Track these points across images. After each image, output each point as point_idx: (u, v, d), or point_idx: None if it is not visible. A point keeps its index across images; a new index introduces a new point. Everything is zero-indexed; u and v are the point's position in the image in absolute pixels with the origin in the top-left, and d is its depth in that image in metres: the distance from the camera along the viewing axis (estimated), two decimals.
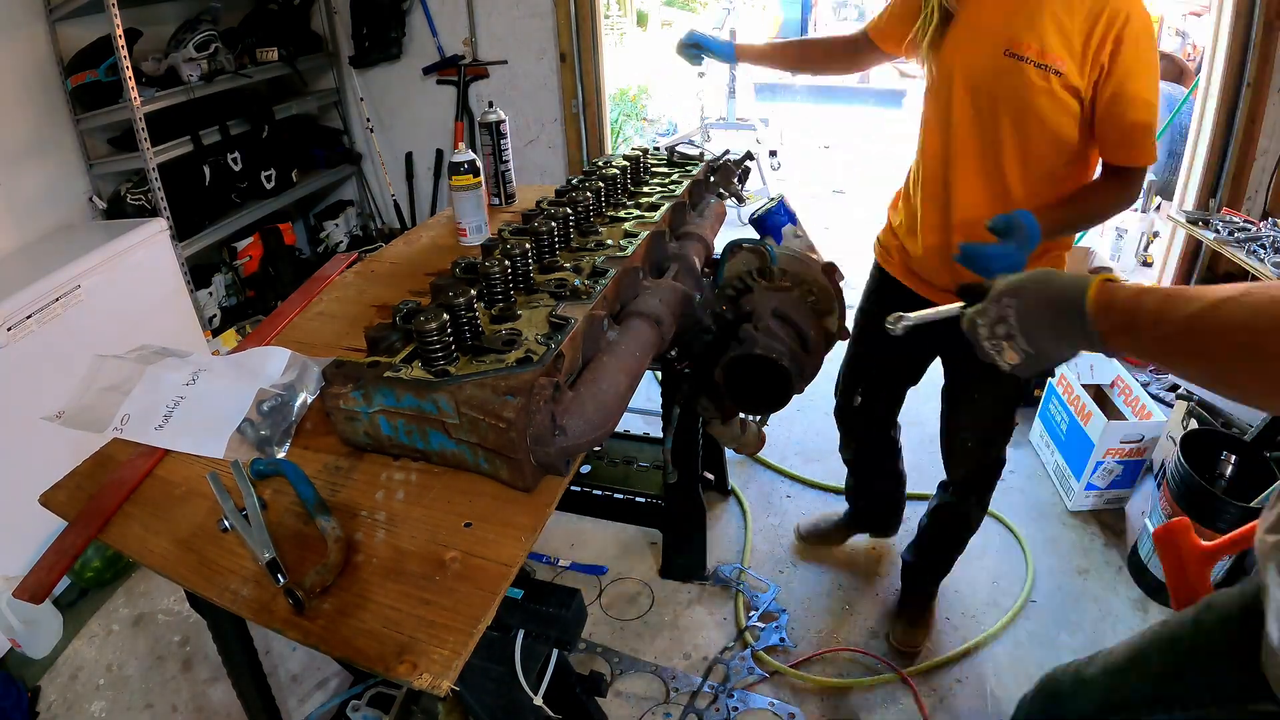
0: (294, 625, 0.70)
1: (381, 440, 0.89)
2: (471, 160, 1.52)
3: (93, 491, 0.90)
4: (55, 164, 2.51)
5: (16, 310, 1.86)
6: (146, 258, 2.31)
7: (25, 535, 1.79)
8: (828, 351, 1.23)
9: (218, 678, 1.70)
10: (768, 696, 1.60)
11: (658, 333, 1.02)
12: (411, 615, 0.70)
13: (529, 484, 0.83)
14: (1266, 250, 2.15)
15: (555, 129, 3.34)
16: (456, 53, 3.31)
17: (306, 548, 0.80)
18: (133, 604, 1.93)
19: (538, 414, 0.79)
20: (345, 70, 3.47)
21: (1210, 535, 1.64)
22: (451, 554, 0.76)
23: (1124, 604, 1.80)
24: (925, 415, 2.57)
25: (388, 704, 1.36)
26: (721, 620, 1.81)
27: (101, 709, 1.66)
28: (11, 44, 2.35)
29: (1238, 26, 2.45)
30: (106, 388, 1.03)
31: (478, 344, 0.89)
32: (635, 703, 1.61)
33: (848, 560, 1.97)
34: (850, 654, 1.70)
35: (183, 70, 2.62)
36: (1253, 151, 2.53)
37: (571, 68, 3.17)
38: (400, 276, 1.46)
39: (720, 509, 2.17)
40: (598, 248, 1.18)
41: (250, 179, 3.01)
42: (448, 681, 0.64)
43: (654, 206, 1.34)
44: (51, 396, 1.02)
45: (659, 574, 1.94)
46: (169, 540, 0.83)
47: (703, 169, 1.60)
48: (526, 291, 1.04)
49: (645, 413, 2.56)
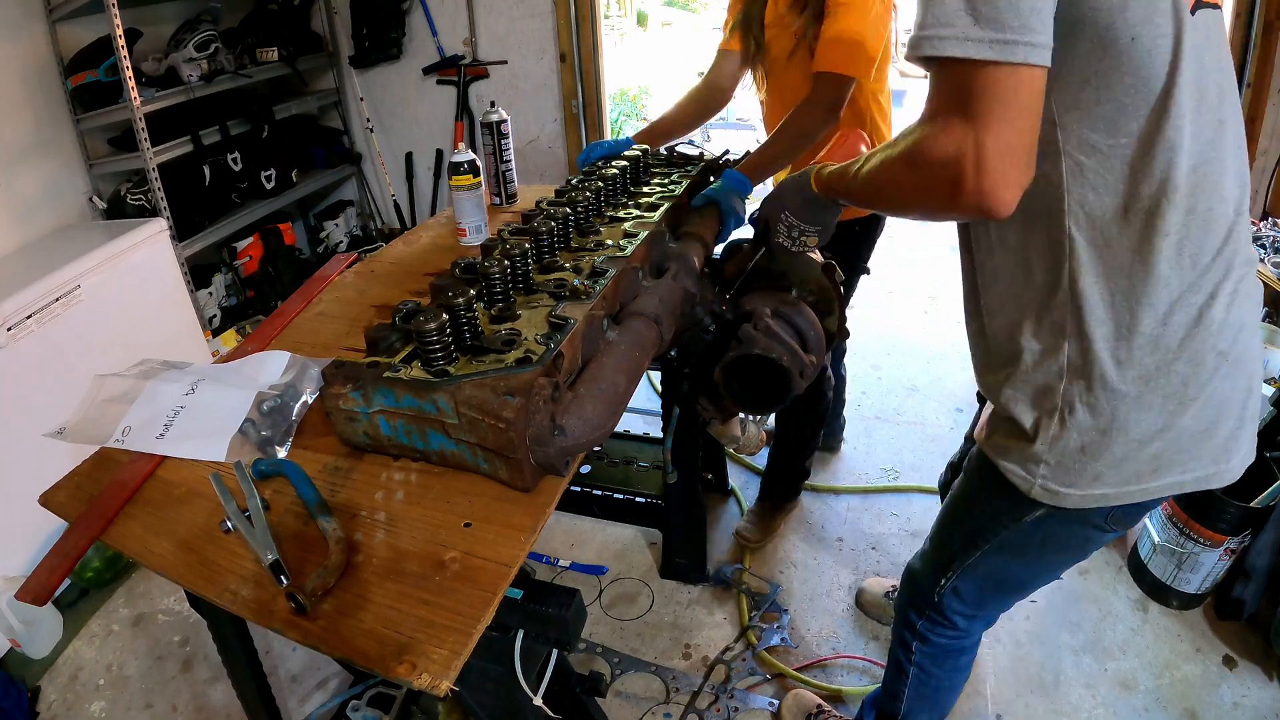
0: (294, 626, 0.70)
1: (381, 440, 0.89)
2: (471, 160, 1.52)
3: (93, 492, 0.91)
4: (55, 164, 2.52)
5: (16, 310, 1.86)
6: (146, 258, 2.31)
7: (25, 535, 1.80)
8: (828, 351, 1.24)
9: (218, 678, 1.70)
10: (768, 697, 1.60)
11: (657, 333, 1.02)
12: (411, 615, 0.70)
13: (528, 484, 0.83)
14: (1267, 250, 2.15)
15: (555, 129, 3.34)
16: (456, 53, 3.31)
17: (307, 548, 0.80)
18: (133, 604, 1.93)
19: (537, 414, 0.79)
20: (345, 70, 3.48)
21: (1211, 535, 1.65)
22: (451, 554, 0.76)
23: (1124, 604, 1.80)
24: (926, 415, 2.58)
25: (388, 704, 1.36)
26: (722, 620, 1.81)
27: (101, 709, 1.66)
28: (11, 44, 2.35)
29: (1237, 27, 2.45)
30: (107, 401, 1.03)
31: (477, 344, 0.89)
32: (635, 703, 1.61)
33: (849, 560, 1.97)
34: (849, 660, 1.70)
35: (183, 70, 2.63)
36: (1253, 152, 2.53)
37: (571, 68, 3.16)
38: (400, 276, 1.46)
39: (720, 509, 2.17)
40: (597, 248, 1.18)
41: (250, 179, 3.01)
42: (447, 682, 0.64)
43: (654, 206, 1.34)
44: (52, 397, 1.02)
45: (659, 574, 1.94)
46: (170, 541, 0.83)
47: (702, 169, 1.60)
48: (526, 291, 1.03)
49: (645, 413, 2.57)
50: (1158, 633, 1.72)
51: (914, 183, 0.72)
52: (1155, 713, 1.55)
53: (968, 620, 1.14)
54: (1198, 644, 1.69)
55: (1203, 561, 1.68)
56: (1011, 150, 0.63)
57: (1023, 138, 0.64)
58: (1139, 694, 1.59)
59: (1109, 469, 0.82)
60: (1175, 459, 0.82)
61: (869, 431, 2.50)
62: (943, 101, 0.66)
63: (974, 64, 0.62)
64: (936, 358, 2.92)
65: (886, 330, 3.15)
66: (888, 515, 2.11)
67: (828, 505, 2.16)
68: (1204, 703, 1.56)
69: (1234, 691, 1.58)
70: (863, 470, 2.31)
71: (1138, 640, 1.71)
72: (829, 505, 2.16)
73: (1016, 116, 0.63)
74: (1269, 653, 1.63)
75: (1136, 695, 1.58)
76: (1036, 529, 0.93)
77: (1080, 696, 1.59)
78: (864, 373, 2.83)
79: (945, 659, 1.20)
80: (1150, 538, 1.80)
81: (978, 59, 0.62)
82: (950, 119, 0.65)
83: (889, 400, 2.68)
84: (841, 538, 2.05)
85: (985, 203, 0.65)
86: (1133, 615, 1.78)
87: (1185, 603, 1.77)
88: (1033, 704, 1.58)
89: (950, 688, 1.26)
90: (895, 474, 2.29)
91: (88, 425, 1.00)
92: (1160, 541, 1.75)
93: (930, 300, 3.44)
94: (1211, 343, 0.77)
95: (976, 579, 1.07)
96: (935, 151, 0.66)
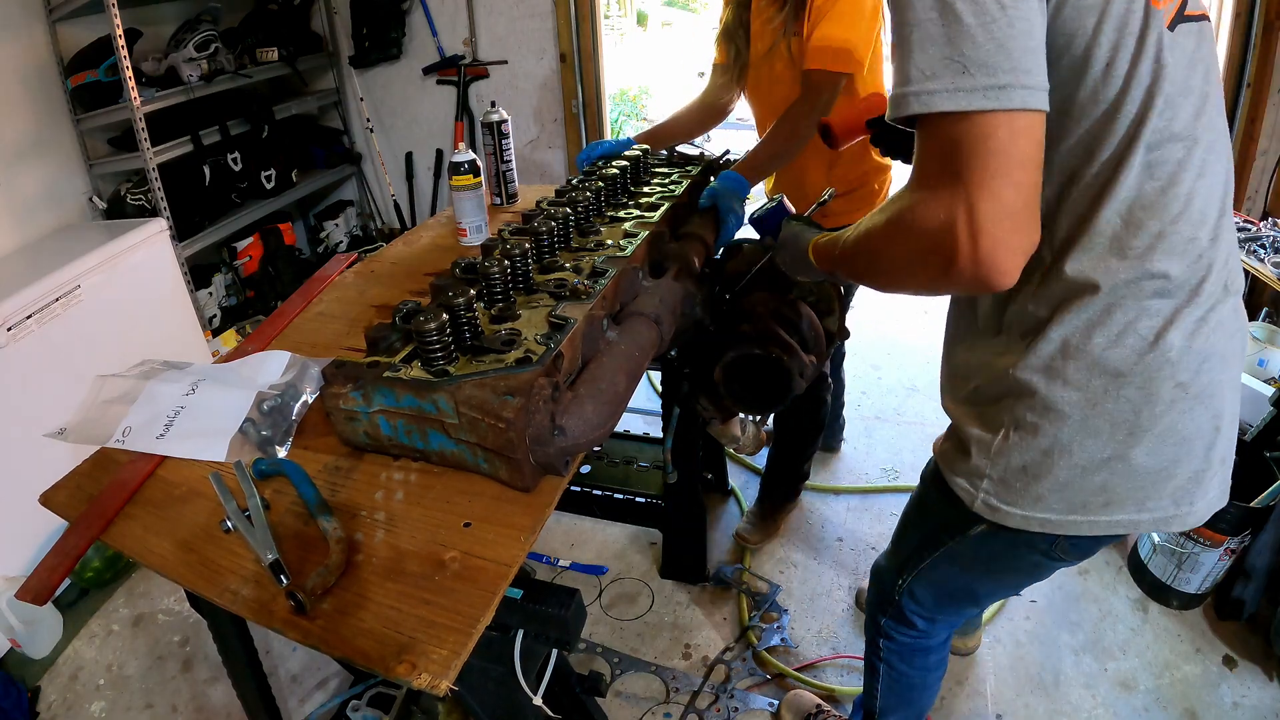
0: (294, 625, 0.70)
1: (381, 440, 0.89)
2: (472, 160, 1.52)
3: (93, 491, 0.91)
4: (55, 164, 2.52)
5: (16, 310, 1.86)
6: (146, 258, 2.31)
7: (25, 535, 1.80)
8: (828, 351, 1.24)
9: (218, 678, 1.70)
10: (768, 697, 1.60)
11: (657, 333, 1.02)
12: (411, 615, 0.70)
13: (528, 484, 0.83)
14: (1266, 250, 2.15)
15: (555, 129, 3.34)
16: (456, 53, 3.31)
17: (307, 548, 0.80)
18: (133, 604, 1.93)
19: (537, 414, 0.79)
20: (345, 70, 3.48)
21: (1211, 535, 1.65)
22: (451, 554, 0.76)
23: (1124, 604, 1.80)
24: (926, 415, 2.58)
25: (388, 704, 1.36)
26: (722, 620, 1.81)
27: (101, 709, 1.66)
28: (11, 44, 2.35)
29: (1237, 27, 2.45)
30: (108, 401, 1.03)
31: (477, 344, 0.89)
32: (635, 703, 1.61)
33: (849, 560, 1.97)
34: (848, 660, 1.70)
35: (183, 70, 2.62)
36: (1253, 152, 2.53)
37: (571, 68, 3.16)
38: (400, 276, 1.46)
39: (720, 509, 2.17)
40: (597, 248, 1.18)
41: (250, 179, 3.01)
42: (447, 681, 0.64)
43: (654, 206, 1.34)
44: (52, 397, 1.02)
45: (659, 574, 1.94)
46: (170, 541, 0.83)
47: (702, 169, 1.60)
48: (526, 291, 1.04)
49: (645, 413, 2.57)
50: (1158, 633, 1.72)
51: (904, 255, 0.67)
52: (1155, 713, 1.55)
53: (926, 622, 1.14)
54: (1198, 644, 1.69)
55: (1203, 561, 1.68)
56: (1010, 213, 0.58)
57: (1022, 194, 0.58)
58: (1139, 694, 1.59)
59: (1051, 492, 0.79)
60: (1130, 495, 0.77)
61: (869, 431, 2.50)
62: (930, 163, 0.61)
63: (965, 117, 0.57)
64: (936, 358, 2.88)
65: (886, 331, 3.16)
66: (888, 515, 2.11)
67: (828, 505, 2.16)
68: (1204, 703, 1.56)
69: (1234, 691, 1.58)
70: (863, 470, 2.31)
71: (1138, 640, 1.71)
72: (829, 505, 2.16)
73: (1015, 170, 0.57)
74: (1269, 653, 1.63)
75: (1136, 695, 1.58)
76: (982, 545, 0.91)
77: (1080, 696, 1.59)
78: (864, 373, 2.83)
79: (912, 656, 1.21)
80: (1150, 538, 1.80)
81: (969, 110, 0.56)
82: (939, 182, 0.59)
83: (889, 400, 2.68)
84: (841, 538, 2.05)
85: (982, 272, 0.59)
86: (1133, 615, 1.78)
87: (1185, 603, 1.77)
88: (1033, 704, 1.58)
89: (922, 685, 1.26)
90: (895, 474, 2.29)
91: (88, 426, 1.00)
92: (1160, 541, 1.75)
93: (930, 300, 3.45)
94: (1168, 372, 0.72)
95: (930, 585, 1.07)
96: (923, 220, 0.61)
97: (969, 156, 0.57)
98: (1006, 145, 0.57)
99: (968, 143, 0.57)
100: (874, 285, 0.81)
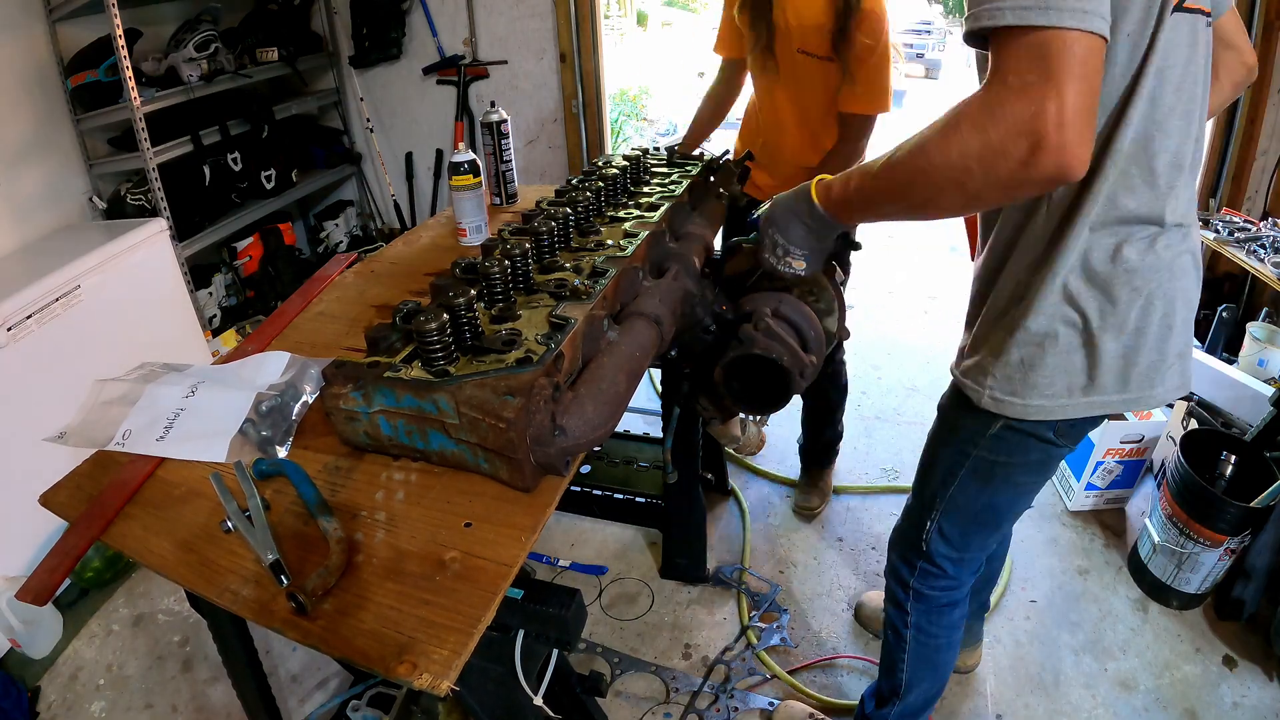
0: (294, 625, 0.70)
1: (381, 440, 0.89)
2: (472, 160, 1.52)
3: (93, 492, 0.91)
4: (55, 164, 2.52)
5: (16, 310, 1.86)
6: (146, 258, 2.31)
7: (25, 535, 1.80)
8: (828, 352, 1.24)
9: (218, 678, 1.70)
10: (768, 697, 1.60)
11: (658, 332, 1.02)
12: (411, 615, 0.70)
13: (529, 484, 0.83)
14: (1266, 250, 2.15)
15: (555, 129, 3.34)
16: (456, 53, 3.31)
17: (307, 548, 0.80)
18: (133, 604, 1.93)
19: (537, 414, 0.79)
20: (345, 70, 3.48)
21: (1211, 535, 1.65)
22: (451, 554, 0.76)
23: (1124, 604, 1.81)
24: (926, 415, 2.57)
25: (388, 704, 1.36)
26: (722, 620, 1.81)
27: (101, 709, 1.66)
28: (11, 44, 2.35)
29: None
30: (108, 404, 1.03)
31: (478, 344, 0.89)
32: (635, 703, 1.61)
33: (849, 560, 1.97)
34: (848, 659, 1.70)
35: (183, 70, 2.62)
36: (1253, 152, 2.53)
37: (571, 68, 3.16)
38: (400, 276, 1.46)
39: (720, 509, 2.17)
40: (598, 248, 1.18)
41: (250, 179, 3.01)
42: (447, 681, 0.64)
43: (654, 206, 1.34)
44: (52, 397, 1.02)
45: (659, 574, 1.94)
46: (170, 541, 0.83)
47: (703, 169, 1.60)
48: (526, 291, 1.03)
49: (645, 413, 2.57)
50: (1158, 633, 1.72)
51: (980, 150, 0.70)
52: (1155, 713, 1.55)
53: (955, 565, 1.21)
54: (1198, 644, 1.69)
55: (1203, 561, 1.68)
56: (1088, 110, 0.67)
57: (1092, 101, 0.67)
58: (1139, 694, 1.59)
59: (1044, 379, 0.94)
60: (1104, 380, 0.92)
61: (869, 431, 2.50)
62: (1016, 65, 0.67)
63: (1053, 30, 0.65)
64: (936, 358, 2.92)
65: (886, 331, 3.16)
66: (888, 515, 2.11)
67: (828, 505, 2.16)
68: (1204, 703, 1.56)
69: (1234, 691, 1.58)
70: (863, 470, 2.31)
71: (1138, 640, 1.71)
72: (829, 505, 2.16)
73: (1091, 77, 0.67)
74: (1269, 653, 1.63)
75: (1136, 695, 1.58)
76: (998, 445, 1.03)
77: (1080, 696, 1.59)
78: (864, 373, 2.83)
79: (940, 614, 1.27)
80: (1150, 538, 1.80)
81: (1059, 26, 0.65)
82: (1026, 79, 0.66)
83: (889, 400, 2.68)
84: (842, 537, 2.05)
85: (1065, 159, 0.66)
86: (1133, 615, 1.78)
87: (1185, 603, 1.77)
88: (1033, 704, 1.58)
89: (948, 645, 1.31)
90: (895, 474, 2.29)
91: (88, 429, 1.00)
92: (1160, 541, 1.75)
93: (930, 300, 3.44)
94: (1125, 279, 0.88)
95: (957, 514, 1.15)
96: (1013, 112, 0.67)
97: (1056, 60, 0.65)
98: (1085, 57, 0.66)
99: (1054, 49, 0.65)
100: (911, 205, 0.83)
